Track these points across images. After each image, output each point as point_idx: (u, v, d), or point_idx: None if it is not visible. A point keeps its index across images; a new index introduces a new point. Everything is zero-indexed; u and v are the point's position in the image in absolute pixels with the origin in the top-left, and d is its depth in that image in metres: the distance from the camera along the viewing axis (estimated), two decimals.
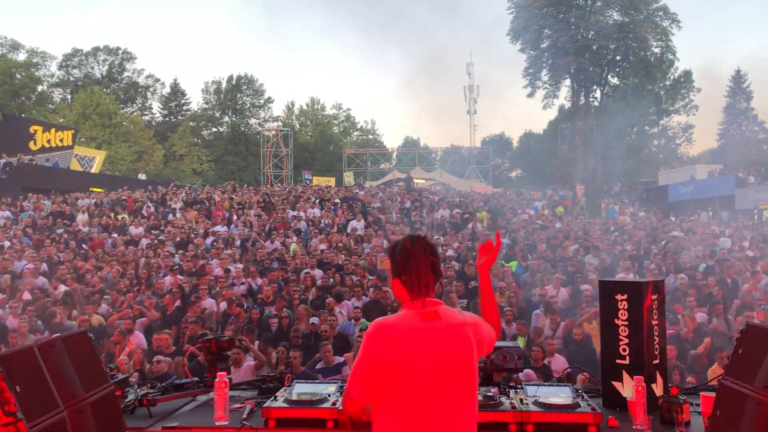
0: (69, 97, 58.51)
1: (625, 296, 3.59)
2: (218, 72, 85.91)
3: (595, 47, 34.78)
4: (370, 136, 69.30)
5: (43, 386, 2.62)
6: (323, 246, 15.95)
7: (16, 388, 2.36)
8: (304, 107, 67.89)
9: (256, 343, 8.70)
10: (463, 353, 2.26)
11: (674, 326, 8.36)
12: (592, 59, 34.67)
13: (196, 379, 4.03)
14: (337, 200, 24.01)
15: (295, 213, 21.12)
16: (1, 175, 26.21)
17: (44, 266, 13.71)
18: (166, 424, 3.41)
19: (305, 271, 12.94)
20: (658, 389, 3.55)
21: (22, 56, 56.99)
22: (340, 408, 3.25)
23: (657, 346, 3.60)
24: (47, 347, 2.79)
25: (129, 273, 13.18)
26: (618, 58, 36.00)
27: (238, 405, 3.61)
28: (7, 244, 16.23)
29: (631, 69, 35.88)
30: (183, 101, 63.74)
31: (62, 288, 11.95)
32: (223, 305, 10.83)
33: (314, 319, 9.55)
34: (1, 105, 49.58)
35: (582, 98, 36.35)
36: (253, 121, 63.73)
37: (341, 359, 7.50)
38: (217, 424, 3.32)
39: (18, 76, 54.52)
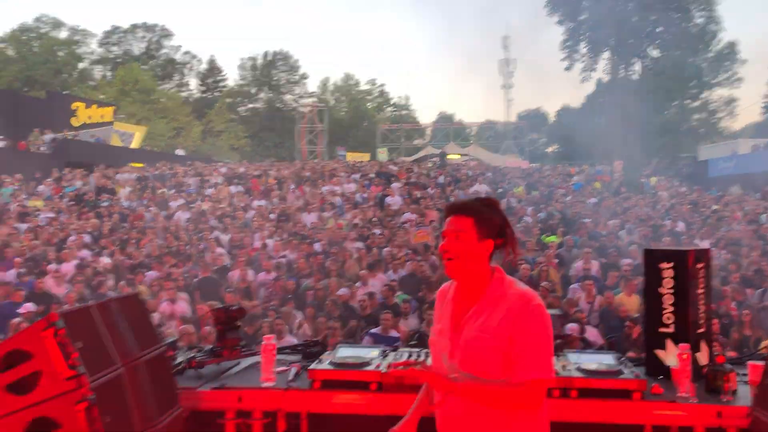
0: (109, 74, 59.34)
1: (670, 264, 3.56)
2: (254, 48, 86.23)
3: (635, 19, 33.83)
4: (404, 112, 68.90)
5: (101, 344, 2.72)
6: (357, 220, 16.05)
7: (77, 344, 2.46)
8: (339, 83, 67.86)
9: (297, 313, 8.90)
10: None
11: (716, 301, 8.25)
12: (631, 31, 33.76)
13: (243, 342, 4.13)
14: (371, 175, 24.04)
15: (330, 188, 21.23)
16: (48, 151, 26.85)
17: (87, 238, 14.06)
18: (215, 385, 3.52)
19: (342, 244, 13.08)
20: (703, 358, 3.54)
21: (63, 34, 57.89)
22: (383, 371, 3.30)
23: (702, 314, 3.57)
24: (103, 307, 2.89)
25: (171, 246, 13.44)
26: (659, 30, 35.02)
27: (283, 368, 3.70)
28: (52, 216, 16.70)
29: (673, 41, 34.89)
30: (219, 77, 64.22)
31: (106, 260, 12.29)
32: (262, 276, 11.05)
33: (343, 290, 9.67)
34: (45, 82, 50.56)
35: (621, 71, 35.55)
36: (288, 97, 63.96)
37: (396, 334, 7.55)
38: (264, 385, 3.42)
39: (60, 53, 55.44)
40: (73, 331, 2.47)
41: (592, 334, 7.67)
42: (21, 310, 8.59)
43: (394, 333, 7.55)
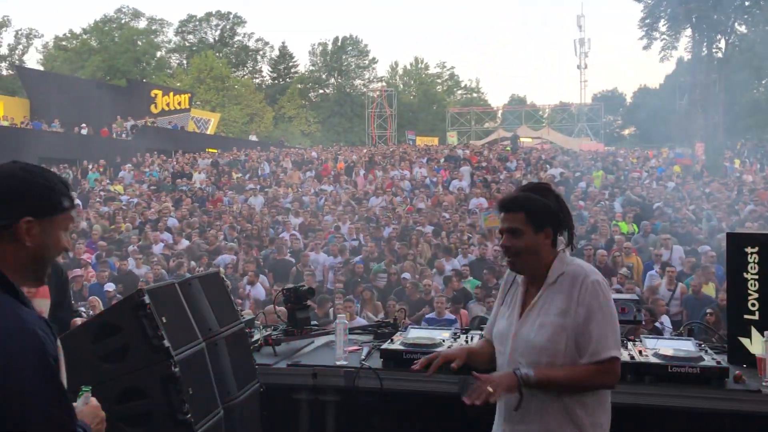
0: (185, 62, 61.22)
1: (756, 249, 3.40)
2: (324, 34, 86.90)
3: None
4: (474, 95, 68.05)
5: (184, 319, 2.84)
6: (422, 205, 16.03)
7: (162, 319, 2.59)
8: (408, 67, 67.60)
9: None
10: None
11: None
12: (716, 6, 32.02)
13: (315, 323, 4.23)
14: (441, 159, 23.95)
15: (400, 172, 21.27)
16: (128, 137, 28.03)
17: (169, 221, 14.62)
18: (290, 362, 3.62)
19: (413, 228, 13.12)
20: None
21: (142, 24, 60.11)
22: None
23: None
24: (186, 284, 3.02)
25: (246, 230, 13.80)
26: (747, 3, 33.11)
27: (356, 347, 3.77)
28: (134, 201, 17.47)
29: (762, 15, 32.92)
30: (291, 64, 65.10)
31: (184, 242, 12.77)
32: (330, 260, 11.25)
33: (406, 274, 9.72)
34: (125, 71, 52.67)
35: (704, 49, 33.87)
36: (358, 82, 64.31)
37: (452, 316, 7.56)
38: (337, 363, 3.50)
39: (139, 43, 57.59)
40: (158, 307, 2.59)
41: (668, 322, 7.45)
42: (107, 288, 9.11)
43: (449, 315, 7.56)
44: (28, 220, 1.54)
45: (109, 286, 9.32)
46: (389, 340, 3.61)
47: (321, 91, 63.79)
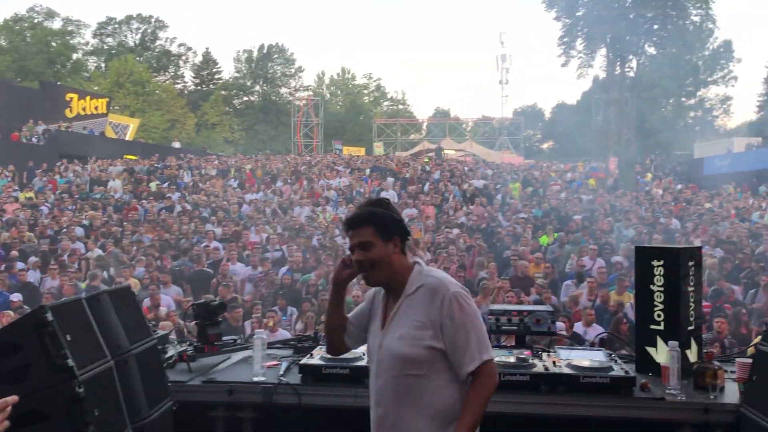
0: (103, 65, 58.99)
1: (661, 262, 3.57)
2: (249, 41, 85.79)
3: (632, 15, 33.82)
4: (401, 107, 68.79)
5: (91, 336, 2.71)
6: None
7: (66, 337, 2.46)
8: (335, 77, 67.62)
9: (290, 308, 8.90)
10: None
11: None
12: (628, 28, 33.70)
13: (234, 337, 4.13)
14: (367, 170, 24.03)
15: (326, 182, 21.20)
16: (40, 142, 26.68)
17: (80, 230, 13.98)
18: (205, 379, 3.52)
19: (337, 238, 13.05)
20: (692, 355, 3.56)
21: (57, 24, 57.43)
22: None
23: (693, 312, 3.59)
24: (94, 300, 2.89)
25: (164, 239, 13.38)
26: (656, 26, 34.99)
27: (275, 362, 3.70)
28: (45, 209, 16.64)
29: (669, 38, 34.88)
30: (215, 70, 63.84)
31: (97, 252, 12.24)
32: (249, 271, 11.02)
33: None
34: (38, 73, 50.23)
35: (617, 68, 35.50)
36: (284, 90, 63.75)
37: None
38: (255, 379, 3.42)
39: (54, 44, 55.02)
40: (62, 324, 2.46)
41: (596, 331, 7.64)
42: (13, 298, 8.63)
43: None
44: None
45: (15, 296, 8.82)
46: (309, 355, 3.57)
47: (246, 98, 62.88)
